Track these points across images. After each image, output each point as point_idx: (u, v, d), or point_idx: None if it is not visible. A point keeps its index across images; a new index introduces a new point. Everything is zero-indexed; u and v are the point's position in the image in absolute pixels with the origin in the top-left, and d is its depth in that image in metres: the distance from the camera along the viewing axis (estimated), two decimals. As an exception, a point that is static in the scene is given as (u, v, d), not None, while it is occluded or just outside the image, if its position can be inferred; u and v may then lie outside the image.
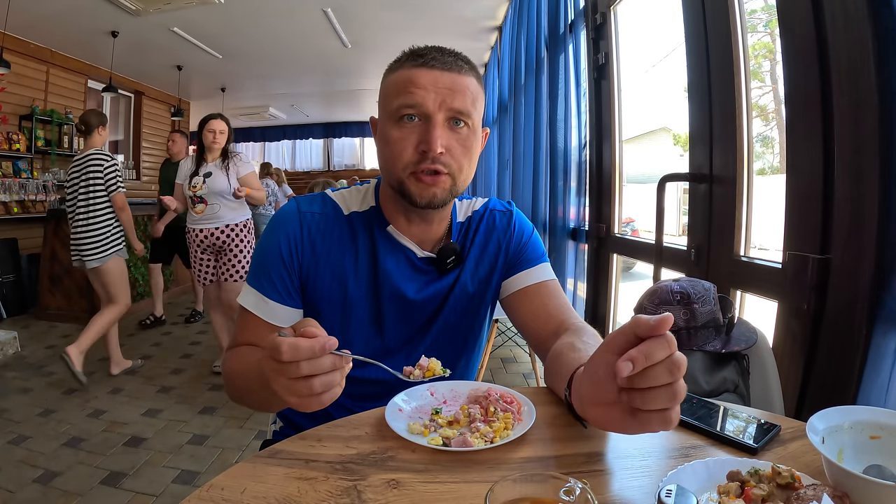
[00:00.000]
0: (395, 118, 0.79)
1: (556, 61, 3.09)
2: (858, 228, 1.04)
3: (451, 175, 0.80)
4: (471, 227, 0.94)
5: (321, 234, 0.87)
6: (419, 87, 0.77)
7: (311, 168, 12.06)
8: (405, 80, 0.78)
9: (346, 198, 0.92)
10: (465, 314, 0.93)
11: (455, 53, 0.81)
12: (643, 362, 0.48)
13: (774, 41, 1.67)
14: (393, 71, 0.82)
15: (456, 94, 0.78)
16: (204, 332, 4.27)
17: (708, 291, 1.16)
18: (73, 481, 2.02)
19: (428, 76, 0.77)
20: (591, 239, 2.70)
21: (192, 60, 6.40)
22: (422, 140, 0.77)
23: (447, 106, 0.77)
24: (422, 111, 0.77)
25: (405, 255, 0.89)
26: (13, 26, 4.88)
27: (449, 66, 0.78)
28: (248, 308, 0.85)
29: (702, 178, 1.66)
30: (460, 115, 0.78)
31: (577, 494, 0.43)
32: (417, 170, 0.79)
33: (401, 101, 0.78)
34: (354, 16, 5.07)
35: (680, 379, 0.49)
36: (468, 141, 0.81)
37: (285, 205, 0.91)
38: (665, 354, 0.49)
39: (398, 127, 0.79)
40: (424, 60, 0.78)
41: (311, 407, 0.58)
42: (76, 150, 6.06)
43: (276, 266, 0.85)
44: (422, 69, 0.78)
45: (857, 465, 0.53)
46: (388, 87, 0.81)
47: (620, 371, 0.48)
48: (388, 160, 0.81)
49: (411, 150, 0.78)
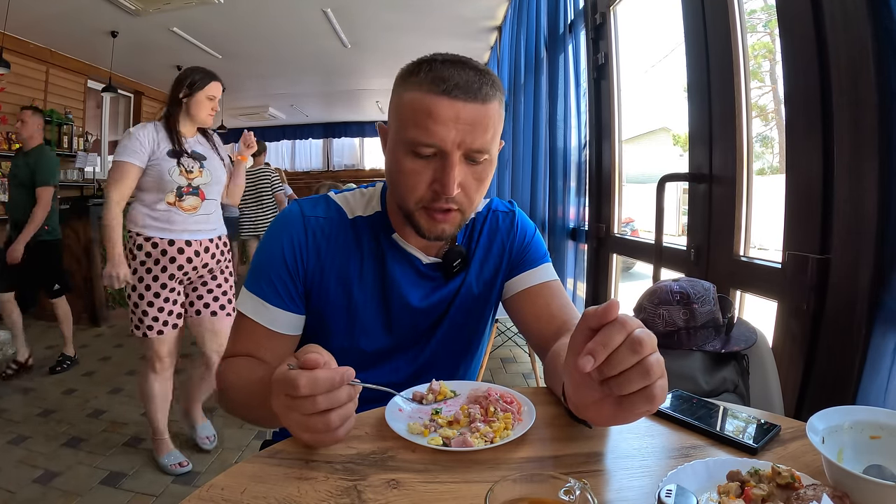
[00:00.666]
0: (407, 147, 0.74)
1: (556, 61, 3.09)
2: (858, 228, 1.03)
3: (462, 210, 0.78)
4: (475, 229, 0.94)
5: (326, 239, 0.85)
6: (438, 124, 0.70)
7: (310, 168, 12.05)
8: (423, 109, 0.71)
9: (349, 201, 0.90)
10: (469, 316, 0.93)
11: (479, 71, 0.73)
12: (602, 351, 0.48)
13: (774, 41, 1.67)
14: (408, 87, 0.74)
15: (477, 131, 0.72)
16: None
17: (707, 291, 1.16)
18: (73, 481, 2.02)
19: (449, 110, 0.70)
20: (591, 239, 2.70)
21: (191, 60, 6.33)
22: (436, 179, 0.73)
23: (467, 146, 0.72)
24: (439, 149, 0.72)
25: (410, 262, 0.88)
26: (13, 26, 4.88)
27: (473, 95, 0.71)
28: (247, 314, 0.82)
29: (701, 178, 1.66)
30: (480, 153, 0.74)
31: (577, 494, 0.43)
32: (430, 206, 0.76)
33: (416, 135, 0.72)
34: (354, 16, 5.07)
35: (647, 354, 0.48)
36: (484, 174, 0.77)
37: (287, 207, 0.89)
38: (622, 337, 0.48)
39: (411, 159, 0.74)
40: (447, 88, 0.70)
41: (325, 443, 0.57)
42: (76, 151, 6.06)
43: (279, 270, 0.83)
44: (443, 99, 0.70)
45: (857, 465, 0.53)
46: (403, 109, 0.74)
47: (583, 367, 0.48)
48: (400, 190, 0.78)
49: (424, 187, 0.75)
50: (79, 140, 6.21)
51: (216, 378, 0.84)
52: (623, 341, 0.48)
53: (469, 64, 0.74)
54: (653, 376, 0.48)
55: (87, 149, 6.27)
